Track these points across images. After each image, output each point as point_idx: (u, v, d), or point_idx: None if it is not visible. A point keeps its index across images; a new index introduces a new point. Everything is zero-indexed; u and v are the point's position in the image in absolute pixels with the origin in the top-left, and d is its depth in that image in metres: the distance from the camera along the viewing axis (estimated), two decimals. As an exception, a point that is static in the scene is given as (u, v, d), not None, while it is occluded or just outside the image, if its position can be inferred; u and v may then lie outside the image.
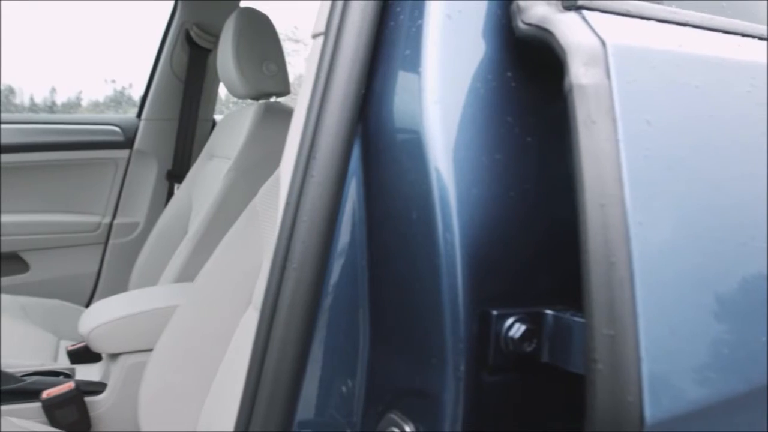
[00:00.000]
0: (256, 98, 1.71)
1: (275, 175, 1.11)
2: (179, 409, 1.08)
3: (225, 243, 1.14)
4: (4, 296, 1.71)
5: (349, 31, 0.45)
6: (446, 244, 0.40)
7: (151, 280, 1.79)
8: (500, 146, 0.42)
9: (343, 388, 0.46)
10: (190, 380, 1.09)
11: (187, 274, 1.48)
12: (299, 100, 0.49)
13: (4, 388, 1.15)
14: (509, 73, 0.44)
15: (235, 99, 2.26)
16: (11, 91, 3.84)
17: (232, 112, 1.87)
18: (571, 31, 0.39)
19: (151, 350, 1.12)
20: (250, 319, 1.06)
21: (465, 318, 0.39)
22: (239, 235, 1.13)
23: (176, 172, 2.13)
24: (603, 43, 0.39)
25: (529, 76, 0.45)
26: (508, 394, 0.42)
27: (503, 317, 0.40)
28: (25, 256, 2.00)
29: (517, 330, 0.40)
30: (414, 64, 0.43)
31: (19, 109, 3.82)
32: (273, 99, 1.73)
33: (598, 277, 0.34)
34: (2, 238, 1.97)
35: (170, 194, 2.14)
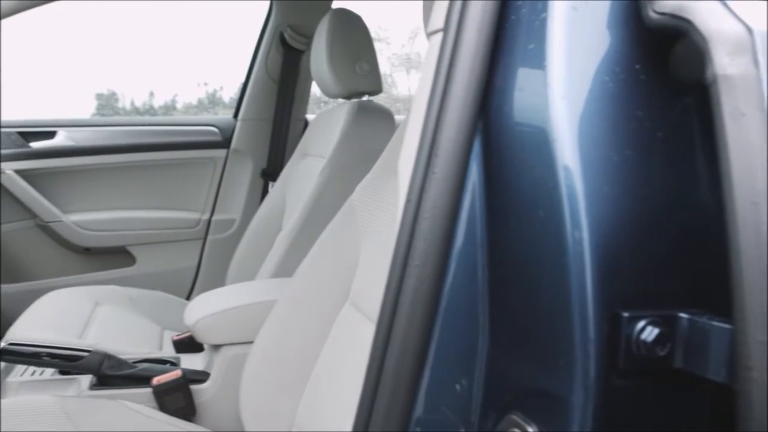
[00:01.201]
0: (348, 97, 1.74)
1: (372, 172, 1.12)
2: (278, 400, 1.11)
3: (322, 240, 1.16)
4: (114, 287, 1.82)
5: (469, 27, 0.44)
6: (575, 242, 0.38)
7: (247, 274, 1.85)
8: (630, 142, 0.41)
9: (460, 387, 0.46)
10: (288, 372, 1.11)
11: (284, 270, 1.52)
12: (417, 97, 0.49)
13: (118, 373, 1.22)
14: (638, 66, 0.42)
15: (326, 99, 2.31)
16: (114, 95, 4.09)
17: (324, 112, 1.91)
18: (713, 19, 0.37)
19: (251, 342, 1.15)
20: (347, 315, 1.08)
21: (595, 319, 0.38)
22: (336, 233, 1.15)
23: (270, 171, 2.19)
24: (749, 30, 0.36)
25: (660, 68, 0.43)
26: (638, 399, 0.40)
27: (635, 319, 0.39)
28: (132, 251, 2.13)
29: (650, 333, 0.39)
30: (538, 59, 0.42)
31: (122, 112, 4.06)
32: (365, 98, 1.74)
33: (752, 280, 0.32)
34: (112, 233, 2.10)
35: (265, 192, 2.21)
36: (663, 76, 0.43)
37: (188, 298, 2.18)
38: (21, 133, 2.04)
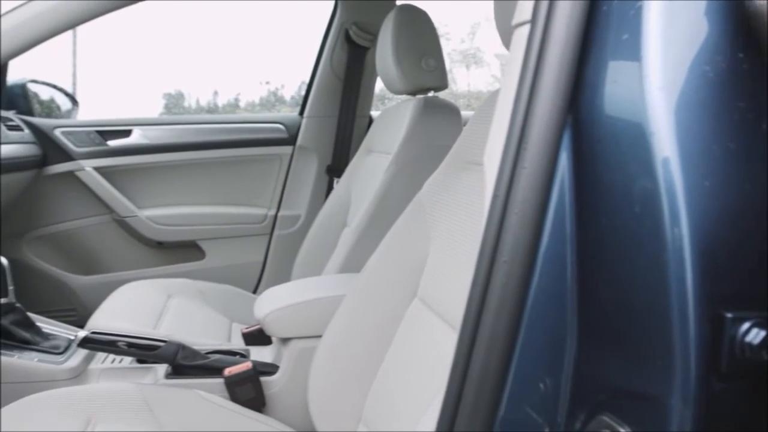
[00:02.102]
0: (413, 93, 1.73)
1: (441, 168, 1.11)
2: (346, 394, 1.12)
3: (390, 236, 1.16)
4: (184, 280, 1.88)
5: (558, 19, 0.43)
6: (674, 239, 0.37)
7: (312, 269, 1.88)
8: (733, 134, 0.39)
9: (546, 386, 0.45)
10: (356, 367, 1.12)
11: (350, 265, 1.54)
12: (502, 92, 0.49)
13: (192, 363, 1.26)
14: (741, 54, 0.41)
15: (390, 95, 2.32)
16: (181, 95, 4.23)
17: (389, 108, 1.91)
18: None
19: (319, 336, 1.17)
20: (415, 311, 1.08)
21: (696, 319, 0.36)
22: (404, 229, 1.15)
23: (335, 167, 2.22)
24: None
25: (765, 57, 0.41)
26: (739, 403, 0.38)
27: (739, 321, 0.37)
28: (202, 245, 2.19)
29: (756, 336, 0.37)
30: (633, 49, 0.41)
31: (188, 111, 4.19)
32: (431, 93, 1.74)
33: None
34: (183, 228, 2.17)
35: (329, 188, 2.24)
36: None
37: (255, 291, 2.23)
38: (99, 132, 2.13)
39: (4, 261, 1.23)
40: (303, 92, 2.36)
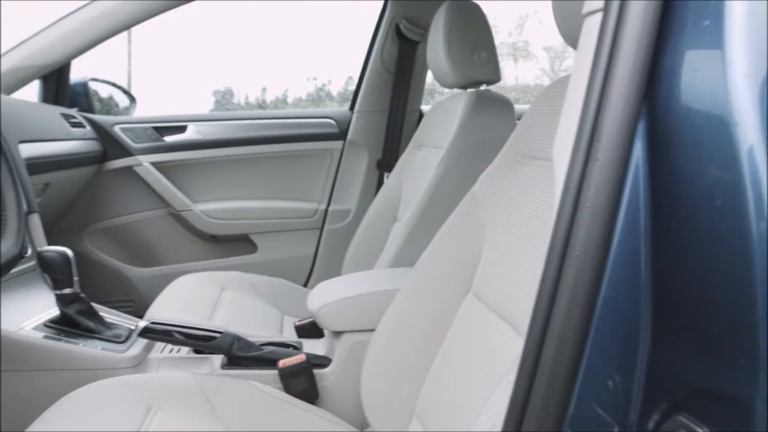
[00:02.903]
0: (464, 87, 1.72)
1: (496, 162, 1.10)
2: (398, 388, 1.12)
3: (443, 230, 1.15)
4: (237, 273, 1.92)
5: (633, 6, 0.42)
6: (760, 234, 0.35)
7: (363, 263, 1.89)
8: (824, 124, 0.37)
9: (617, 384, 0.43)
10: (409, 361, 1.12)
11: (402, 260, 1.54)
12: (572, 82, 0.48)
13: (247, 354, 1.28)
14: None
15: (440, 89, 2.30)
16: (230, 91, 4.31)
17: (439, 102, 1.90)
18: None
19: (372, 330, 1.17)
20: (469, 306, 1.07)
21: (783, 317, 0.35)
22: (458, 223, 1.14)
23: (386, 162, 2.22)
24: None
25: None
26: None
27: (830, 319, 0.35)
28: (254, 239, 2.23)
29: None
30: (715, 36, 0.39)
31: (237, 107, 4.27)
32: (483, 87, 1.72)
33: None
34: (236, 222, 2.21)
35: (380, 183, 2.24)
36: None
37: (305, 285, 2.26)
38: (156, 128, 2.19)
39: (70, 253, 1.27)
40: (350, 87, 2.37)
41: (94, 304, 1.36)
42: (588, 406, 0.44)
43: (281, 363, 1.26)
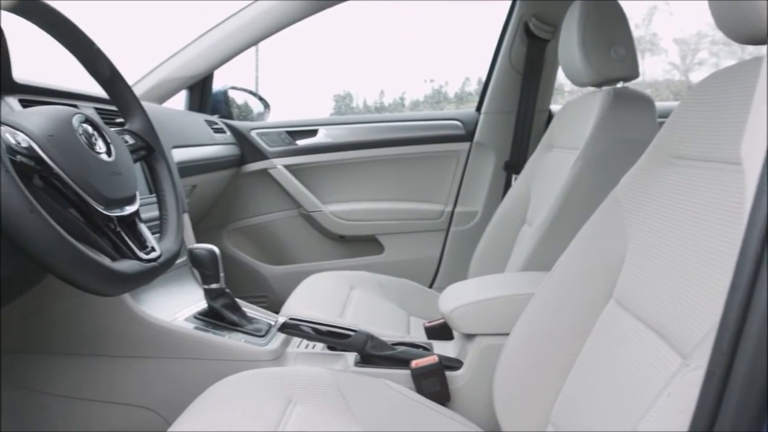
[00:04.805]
0: (599, 85, 1.65)
1: (641, 163, 1.04)
2: (533, 394, 1.10)
3: (582, 234, 1.11)
4: (365, 273, 1.95)
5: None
6: None
7: (490, 266, 1.86)
8: None
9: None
10: (545, 368, 1.09)
11: (533, 263, 1.50)
12: (761, 80, 0.44)
13: (380, 353, 1.30)
14: None
15: (569, 87, 2.23)
16: (349, 95, 4.43)
17: (572, 101, 1.83)
18: None
19: (505, 334, 1.15)
20: (612, 313, 1.02)
21: None
22: (599, 226, 1.09)
23: (514, 163, 2.18)
24: None
25: None
26: None
27: None
28: (381, 239, 2.28)
29: None
30: None
31: (355, 111, 4.37)
32: (620, 84, 1.64)
33: None
34: (364, 223, 2.27)
35: (507, 185, 2.21)
36: None
37: (430, 286, 2.27)
38: (289, 132, 2.30)
39: (217, 250, 1.36)
40: (467, 89, 2.36)
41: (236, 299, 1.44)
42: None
43: (414, 363, 1.26)
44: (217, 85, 2.35)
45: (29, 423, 1.33)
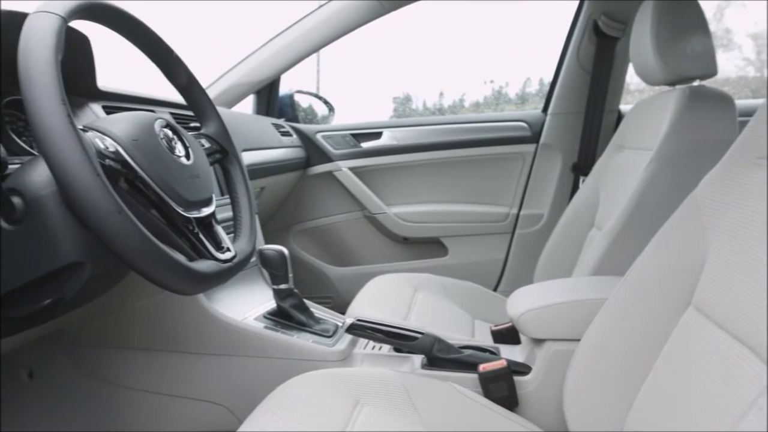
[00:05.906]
0: (673, 83, 1.59)
1: (722, 164, 1.00)
2: (606, 403, 1.07)
3: (659, 238, 1.07)
4: (428, 275, 1.95)
5: None
6: None
7: (557, 270, 1.83)
8: None
9: None
10: (619, 375, 1.06)
11: (604, 268, 1.46)
12: None
13: (447, 356, 1.30)
14: None
15: (641, 87, 2.16)
16: (408, 97, 4.42)
17: (643, 101, 1.78)
18: None
19: (575, 340, 1.13)
20: (690, 320, 0.99)
21: None
22: (676, 230, 1.05)
23: (582, 165, 2.14)
24: None
25: None
26: None
27: None
28: (445, 242, 2.27)
29: None
30: None
31: (415, 113, 4.36)
32: (696, 83, 1.58)
33: None
34: (428, 225, 2.26)
35: (575, 187, 2.16)
36: None
37: (495, 289, 2.24)
38: (353, 135, 2.32)
39: (286, 251, 1.38)
40: (527, 89, 2.32)
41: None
42: None
43: (482, 367, 1.25)
44: (284, 89, 2.40)
45: (110, 414, 1.40)
